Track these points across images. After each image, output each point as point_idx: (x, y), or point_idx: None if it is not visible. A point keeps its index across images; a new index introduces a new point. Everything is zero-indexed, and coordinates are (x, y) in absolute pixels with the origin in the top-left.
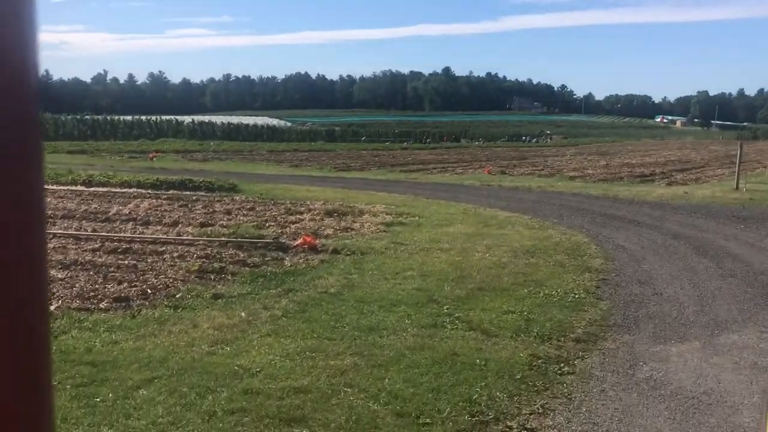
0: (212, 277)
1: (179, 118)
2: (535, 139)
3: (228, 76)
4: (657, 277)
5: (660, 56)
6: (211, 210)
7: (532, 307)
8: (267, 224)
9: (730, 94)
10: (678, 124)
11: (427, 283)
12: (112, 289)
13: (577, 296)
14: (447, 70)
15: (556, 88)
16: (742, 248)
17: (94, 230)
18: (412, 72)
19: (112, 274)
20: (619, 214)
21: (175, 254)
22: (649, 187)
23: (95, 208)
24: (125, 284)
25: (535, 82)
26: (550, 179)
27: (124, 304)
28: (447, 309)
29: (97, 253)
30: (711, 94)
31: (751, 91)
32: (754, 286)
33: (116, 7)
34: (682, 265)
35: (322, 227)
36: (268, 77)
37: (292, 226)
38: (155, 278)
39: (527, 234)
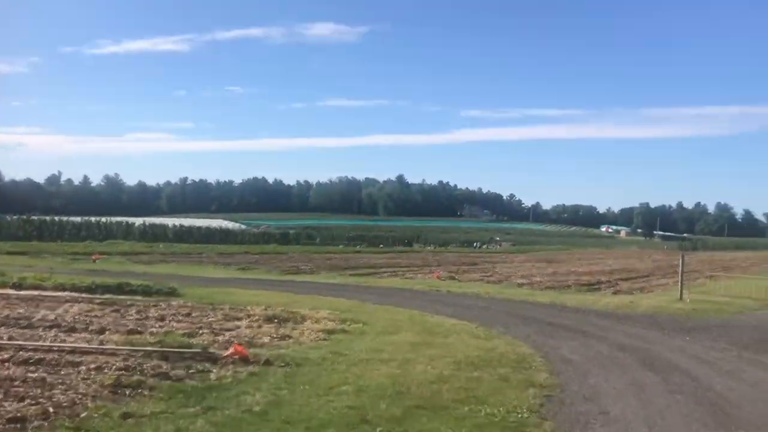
0: (128, 392)
1: (130, 219)
2: (485, 245)
3: (185, 179)
4: (603, 393)
5: (604, 169)
6: (144, 316)
7: (472, 429)
8: (200, 332)
9: (670, 206)
10: (622, 233)
11: (362, 399)
12: (10, 408)
13: (520, 416)
14: (401, 177)
15: (505, 197)
16: (689, 362)
17: (11, 338)
18: (367, 178)
19: (16, 388)
20: (566, 324)
21: (93, 365)
22: (596, 295)
23: (19, 313)
24: (27, 401)
25: (485, 190)
26: (498, 286)
27: (18, 425)
28: (379, 431)
29: (6, 364)
30: (652, 205)
31: (689, 204)
32: (703, 404)
33: (75, 110)
34: (628, 379)
35: (259, 335)
36: (225, 181)
37: (227, 334)
38: (63, 394)
39: (472, 344)
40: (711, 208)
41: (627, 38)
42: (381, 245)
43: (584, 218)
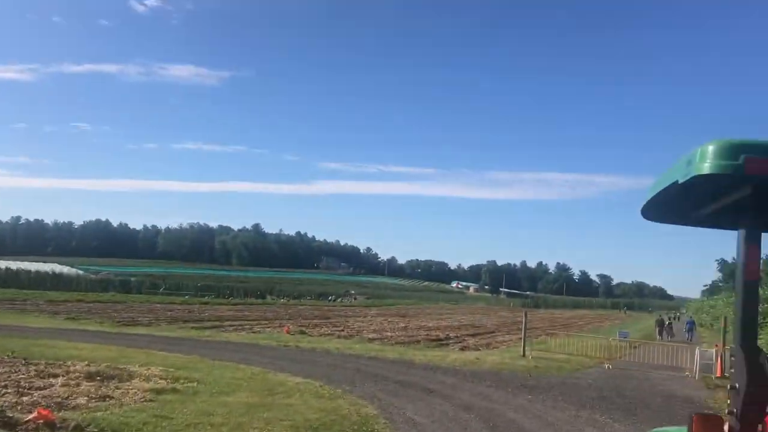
0: None
1: None
2: (340, 299)
3: (17, 218)
4: None
5: (455, 226)
6: None
7: None
8: (5, 391)
9: (514, 264)
10: (471, 290)
11: None
12: None
13: None
14: (257, 226)
15: (362, 250)
16: (531, 422)
17: None
18: (221, 226)
19: None
20: (413, 381)
21: None
22: (444, 351)
23: None
24: None
25: (342, 243)
26: (349, 341)
27: None
28: None
29: None
30: (499, 263)
31: (532, 263)
32: None
33: None
34: None
35: (75, 395)
36: (63, 222)
37: (36, 394)
38: None
39: (315, 405)
40: (552, 268)
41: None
42: (231, 297)
43: (437, 273)
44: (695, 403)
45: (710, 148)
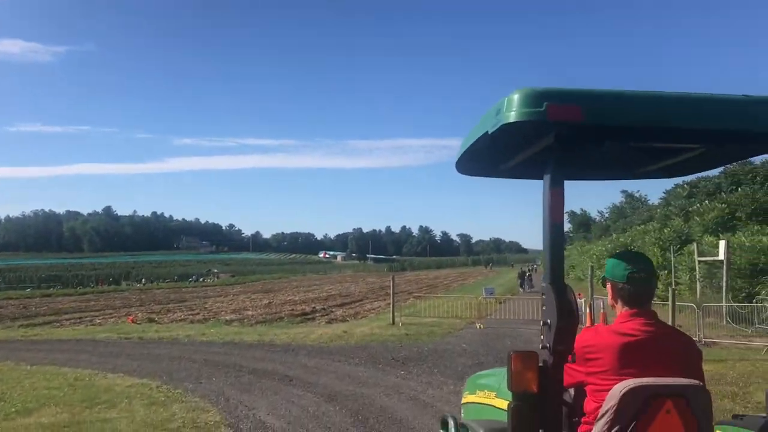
0: None
1: None
2: (201, 279)
3: None
4: None
5: (319, 197)
6: None
7: None
8: None
9: (380, 230)
10: (339, 258)
11: None
12: None
13: None
14: (108, 209)
15: (224, 227)
16: (405, 407)
17: None
18: (68, 212)
19: None
20: (271, 369)
21: None
22: (309, 327)
23: None
24: None
25: (203, 221)
26: (203, 325)
27: None
28: None
29: None
30: (364, 230)
31: (396, 228)
32: None
33: None
34: None
35: None
36: None
37: None
38: None
39: (142, 416)
40: (415, 231)
41: (332, 73)
42: (79, 286)
43: (303, 245)
44: None
45: (515, 97)
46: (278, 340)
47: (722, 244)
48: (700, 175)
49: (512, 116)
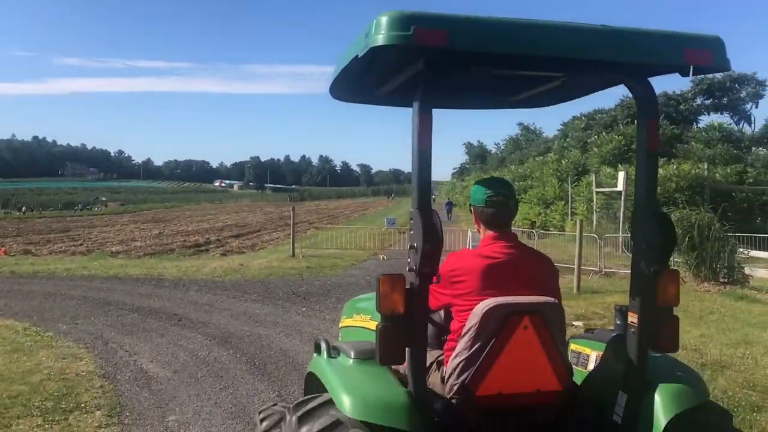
0: None
1: None
2: (88, 207)
3: None
4: None
5: (214, 123)
6: None
7: None
8: None
9: (278, 159)
10: (235, 187)
11: None
12: None
13: None
14: None
15: (113, 154)
16: (308, 349)
17: None
18: None
19: None
20: (158, 307)
21: None
22: (202, 260)
23: None
24: None
25: (89, 147)
26: (85, 258)
27: None
28: None
29: None
30: (263, 159)
31: (295, 157)
32: None
33: None
34: (231, 403)
35: None
36: None
37: None
38: None
39: (1, 365)
40: (315, 161)
41: None
42: None
43: (198, 174)
44: None
45: (383, 19)
46: (168, 274)
47: (621, 175)
48: (565, 104)
49: (380, 39)
